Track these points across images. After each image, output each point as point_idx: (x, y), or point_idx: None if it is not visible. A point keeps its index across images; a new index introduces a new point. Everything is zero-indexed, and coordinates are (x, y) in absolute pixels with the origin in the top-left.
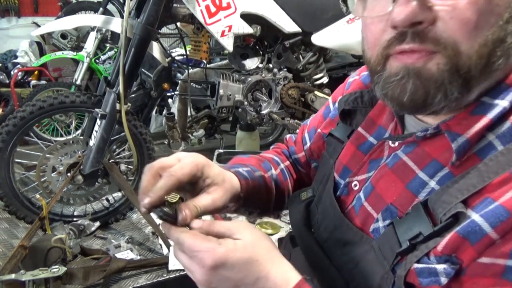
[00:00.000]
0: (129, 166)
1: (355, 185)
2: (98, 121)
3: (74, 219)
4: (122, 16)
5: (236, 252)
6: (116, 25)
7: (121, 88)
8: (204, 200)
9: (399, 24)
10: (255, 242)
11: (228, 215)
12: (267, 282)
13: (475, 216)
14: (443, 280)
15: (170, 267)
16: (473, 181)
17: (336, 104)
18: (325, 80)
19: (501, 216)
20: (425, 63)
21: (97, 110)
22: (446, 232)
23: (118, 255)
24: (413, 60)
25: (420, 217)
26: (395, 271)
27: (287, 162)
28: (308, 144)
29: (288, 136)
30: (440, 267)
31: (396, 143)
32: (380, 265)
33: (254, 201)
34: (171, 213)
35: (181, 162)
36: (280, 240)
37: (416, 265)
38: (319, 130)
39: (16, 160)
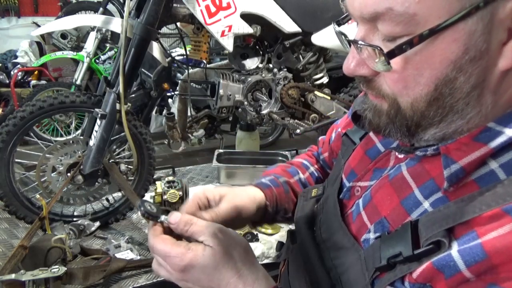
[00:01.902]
0: (129, 166)
1: (357, 191)
2: (98, 121)
3: (74, 219)
4: (122, 16)
5: (205, 258)
6: (116, 25)
7: (121, 88)
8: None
9: (348, 74)
10: (225, 251)
11: None
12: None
13: (454, 249)
14: None
15: None
16: (464, 210)
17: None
18: (325, 80)
19: (477, 256)
20: (378, 103)
21: (97, 110)
22: (425, 259)
23: (118, 255)
24: (372, 98)
25: (406, 237)
26: (374, 285)
27: (317, 165)
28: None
29: (320, 137)
30: None
31: (402, 155)
32: (363, 276)
33: (284, 206)
34: (154, 211)
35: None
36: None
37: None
38: (339, 129)
39: (16, 160)
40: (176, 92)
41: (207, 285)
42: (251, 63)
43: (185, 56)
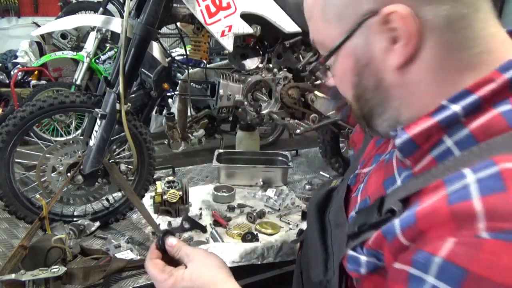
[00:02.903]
0: (129, 166)
1: (362, 177)
2: (98, 121)
3: (74, 219)
4: (122, 16)
5: (182, 281)
6: (116, 25)
7: (121, 88)
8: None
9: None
10: (200, 270)
11: (228, 215)
12: None
13: (399, 217)
14: (363, 270)
15: None
16: (417, 182)
17: None
18: None
19: (409, 222)
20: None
21: (97, 110)
22: (381, 227)
23: (118, 255)
24: None
25: (374, 209)
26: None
27: None
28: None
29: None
30: (364, 259)
31: None
32: (344, 247)
33: None
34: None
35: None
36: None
37: (349, 252)
38: None
39: (16, 160)
40: (176, 92)
41: None
42: (251, 63)
43: (185, 56)
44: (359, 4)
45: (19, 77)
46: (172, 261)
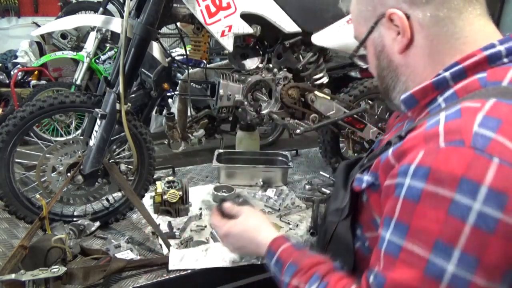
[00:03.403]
0: (129, 166)
1: (383, 141)
2: (98, 121)
3: (74, 219)
4: (122, 16)
5: (235, 226)
6: (116, 25)
7: (121, 88)
8: None
9: None
10: (246, 219)
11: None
12: (257, 242)
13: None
14: (363, 185)
15: (170, 267)
16: (412, 124)
17: None
18: (325, 80)
19: (398, 145)
20: None
21: (97, 110)
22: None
23: (118, 255)
24: None
25: (381, 148)
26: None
27: None
28: None
29: None
30: (366, 178)
31: None
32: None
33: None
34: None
35: None
36: None
37: (357, 175)
38: None
39: (16, 160)
40: (176, 92)
41: (240, 243)
42: (251, 63)
43: (185, 56)
44: (375, 10)
45: (19, 77)
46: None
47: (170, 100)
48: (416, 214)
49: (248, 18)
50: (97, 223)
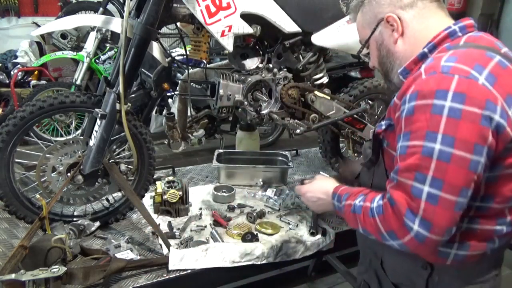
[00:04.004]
0: (129, 166)
1: None
2: (98, 121)
3: (74, 219)
4: (122, 16)
5: (310, 187)
6: (116, 25)
7: (121, 88)
8: None
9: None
10: (319, 181)
11: (228, 215)
12: (326, 191)
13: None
14: (383, 127)
15: (170, 267)
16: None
17: None
18: (325, 80)
19: (400, 91)
20: None
21: (97, 110)
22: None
23: (118, 255)
24: None
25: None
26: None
27: None
28: None
29: None
30: (383, 122)
31: None
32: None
33: None
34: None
35: None
36: None
37: (377, 124)
38: None
39: (16, 160)
40: (176, 92)
41: (316, 196)
42: (251, 63)
43: (185, 56)
44: (376, 17)
45: (19, 77)
46: None
47: (170, 100)
48: (413, 121)
49: (248, 18)
50: (97, 223)
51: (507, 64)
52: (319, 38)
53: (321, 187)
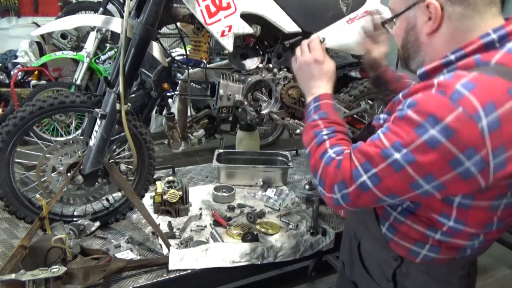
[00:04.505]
0: (129, 166)
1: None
2: (98, 121)
3: (74, 219)
4: (122, 16)
5: (302, 64)
6: (116, 25)
7: (121, 88)
8: None
9: None
10: (325, 65)
11: (228, 215)
12: (317, 85)
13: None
14: (381, 121)
15: (170, 267)
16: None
17: None
18: None
19: (407, 90)
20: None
21: (97, 110)
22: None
23: (118, 255)
24: None
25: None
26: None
27: None
28: None
29: None
30: (382, 116)
31: None
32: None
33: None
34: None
35: None
36: None
37: (375, 116)
38: None
39: (16, 160)
40: (176, 92)
41: (307, 79)
42: (251, 63)
43: (185, 56)
44: None
45: (19, 77)
46: None
47: (170, 100)
48: (397, 125)
49: (248, 18)
50: (97, 223)
51: None
52: None
53: (314, 77)
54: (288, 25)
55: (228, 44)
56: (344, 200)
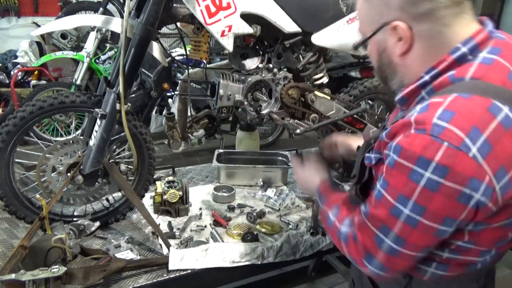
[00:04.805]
0: (129, 166)
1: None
2: (98, 121)
3: (74, 219)
4: (122, 16)
5: (301, 173)
6: (116, 25)
7: (121, 88)
8: None
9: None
10: (310, 170)
11: (228, 215)
12: (315, 181)
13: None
14: (373, 162)
15: (170, 267)
16: (402, 114)
17: None
18: (325, 80)
19: (388, 129)
20: None
21: (97, 110)
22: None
23: (118, 255)
24: None
25: (382, 131)
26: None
27: None
28: None
29: None
30: (373, 155)
31: None
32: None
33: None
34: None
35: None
36: None
37: (366, 154)
38: None
39: (16, 160)
40: (176, 92)
41: (306, 182)
42: (251, 63)
43: (185, 56)
44: (381, 17)
45: (19, 77)
46: None
47: (170, 100)
48: (392, 175)
49: (248, 18)
50: (97, 223)
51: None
52: (319, 38)
53: (310, 177)
54: (288, 25)
55: (228, 44)
56: (378, 269)
